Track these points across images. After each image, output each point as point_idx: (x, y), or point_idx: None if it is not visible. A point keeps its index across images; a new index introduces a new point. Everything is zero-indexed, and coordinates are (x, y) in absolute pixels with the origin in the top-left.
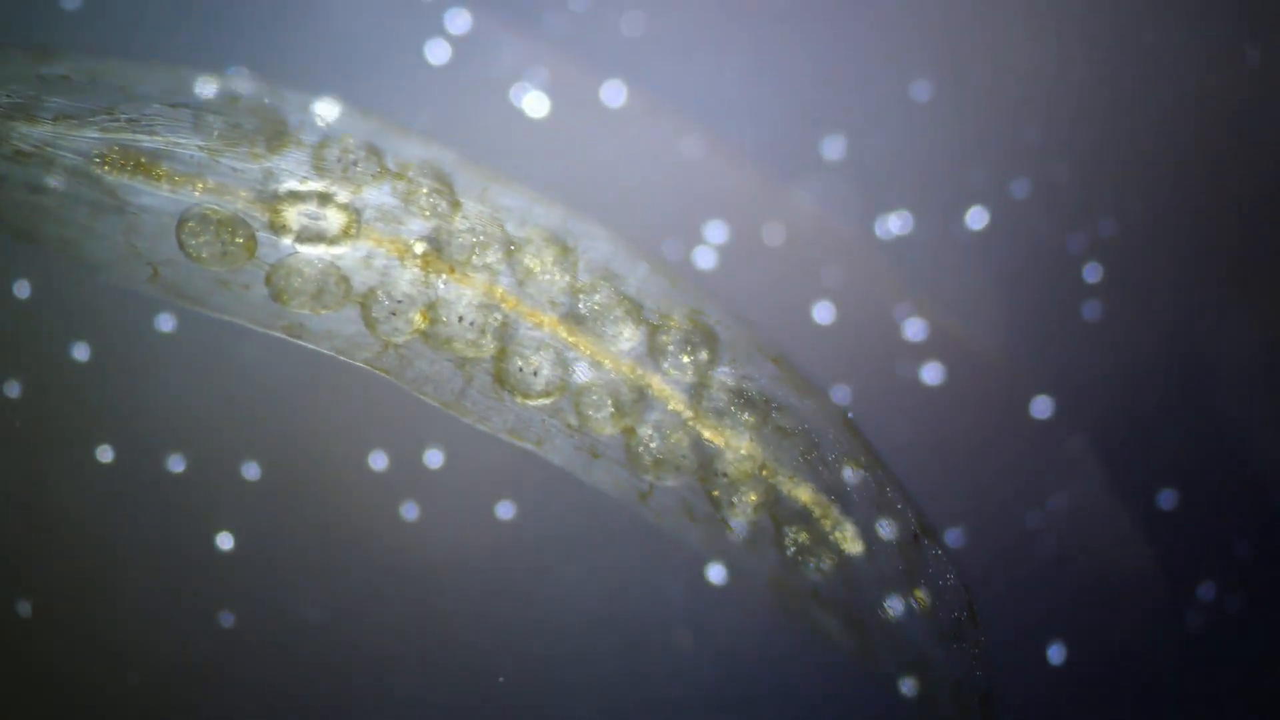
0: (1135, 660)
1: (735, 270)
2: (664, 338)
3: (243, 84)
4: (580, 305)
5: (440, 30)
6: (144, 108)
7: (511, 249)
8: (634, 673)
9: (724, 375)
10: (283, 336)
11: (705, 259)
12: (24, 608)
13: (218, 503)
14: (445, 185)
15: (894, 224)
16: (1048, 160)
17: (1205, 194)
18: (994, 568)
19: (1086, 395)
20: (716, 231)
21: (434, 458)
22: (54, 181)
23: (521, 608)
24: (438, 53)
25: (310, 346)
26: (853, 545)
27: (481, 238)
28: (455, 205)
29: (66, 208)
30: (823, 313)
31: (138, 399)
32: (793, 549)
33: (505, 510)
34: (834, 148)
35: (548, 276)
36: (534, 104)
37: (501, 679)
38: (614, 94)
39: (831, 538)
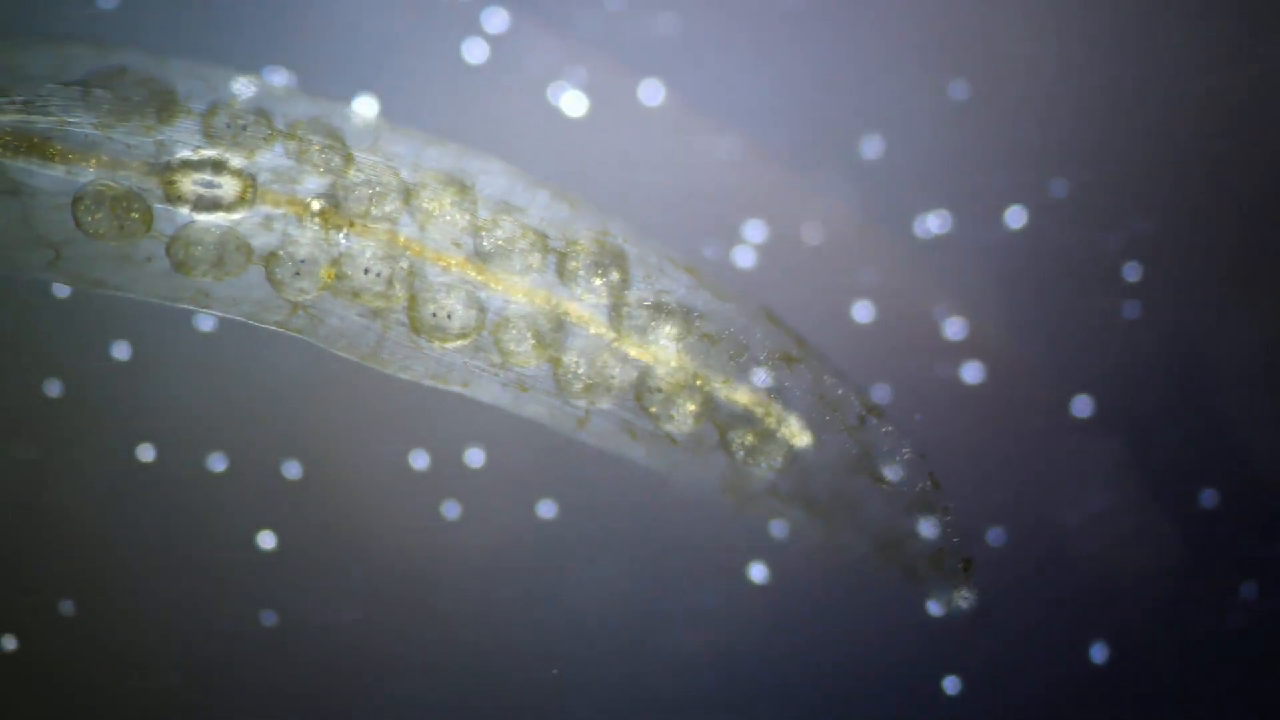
0: (1173, 661)
1: (772, 270)
2: (573, 263)
3: (132, 57)
4: (485, 242)
5: (477, 29)
6: (38, 87)
7: (409, 195)
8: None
9: (639, 292)
10: (190, 308)
11: (744, 259)
12: (66, 607)
13: (256, 502)
14: (336, 140)
15: (932, 224)
16: (1086, 160)
17: (1247, 190)
18: (1033, 570)
19: (1125, 395)
20: (754, 232)
21: (474, 456)
22: None
23: (556, 605)
24: (475, 52)
25: (219, 314)
26: (800, 438)
27: (377, 188)
28: (348, 159)
29: None
30: (861, 312)
31: (174, 398)
32: (741, 452)
33: (546, 509)
34: (872, 147)
35: (448, 218)
36: (571, 103)
37: (555, 671)
38: (650, 93)
39: (778, 434)
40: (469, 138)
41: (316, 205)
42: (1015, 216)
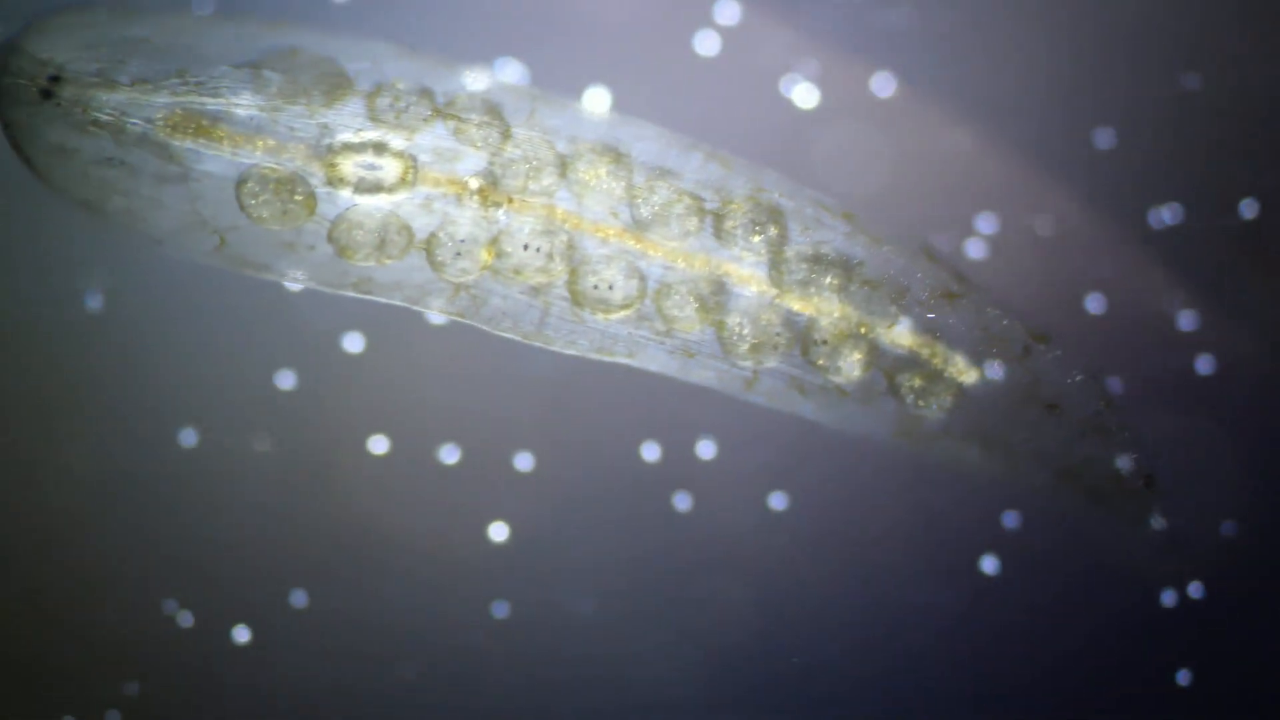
0: None
1: (1006, 263)
2: (730, 223)
3: (303, 37)
4: (642, 209)
5: (709, 21)
6: (211, 69)
7: (565, 167)
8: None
9: (798, 245)
10: (353, 294)
11: (976, 251)
12: (299, 598)
13: (491, 494)
14: (495, 115)
15: (1166, 216)
16: None
17: None
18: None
19: None
20: (987, 224)
21: (706, 449)
22: (123, 152)
23: (790, 595)
24: (707, 44)
25: (382, 300)
26: (968, 374)
27: (534, 162)
28: (506, 134)
29: (133, 178)
30: (1095, 304)
31: (411, 390)
32: (910, 395)
33: (778, 501)
34: (1104, 139)
35: (605, 187)
36: (803, 96)
37: (795, 659)
38: (883, 86)
39: (946, 374)
40: (700, 130)
41: (475, 183)
42: (1248, 208)
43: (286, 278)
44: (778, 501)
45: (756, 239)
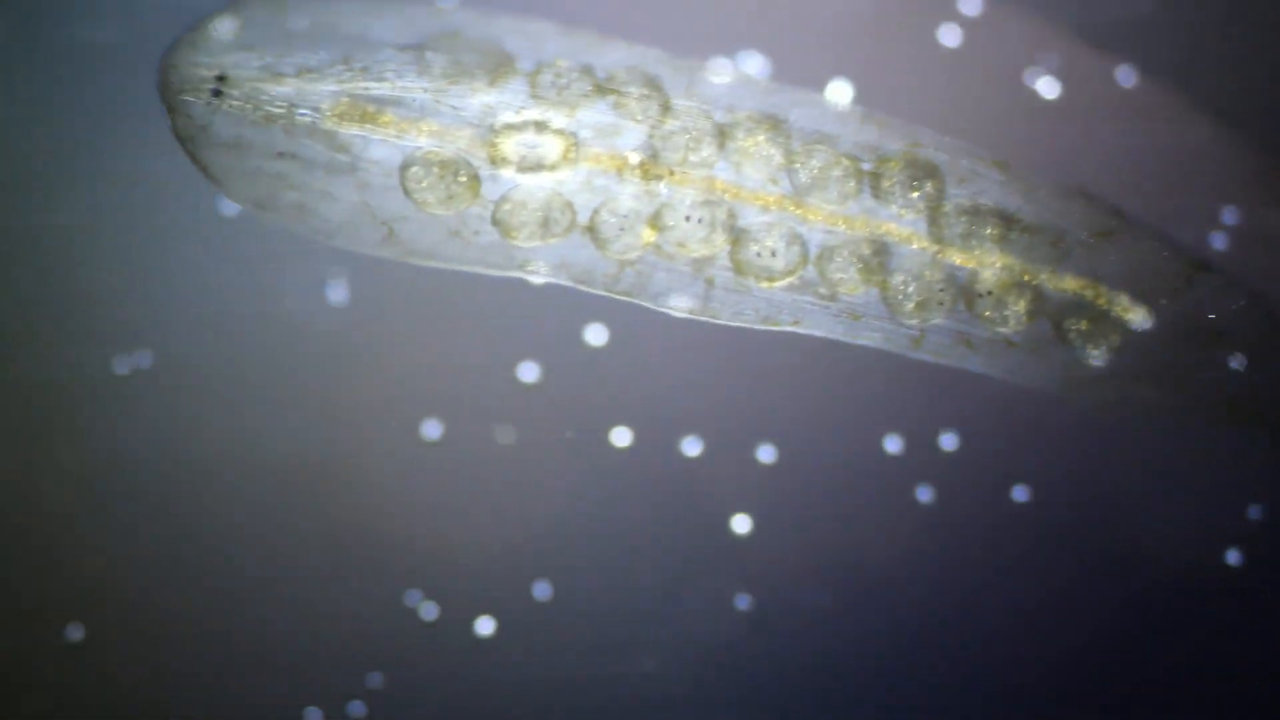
0: None
1: (1249, 258)
2: (887, 182)
3: (463, 18)
4: (801, 175)
5: (953, 14)
6: (376, 53)
7: (723, 137)
8: None
9: (955, 199)
10: (520, 276)
11: (1217, 243)
12: (543, 590)
13: (733, 487)
14: (654, 88)
15: None
16: None
17: None
18: None
19: None
20: (1229, 216)
21: (948, 440)
22: (294, 144)
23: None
24: (950, 37)
25: (549, 280)
26: (1134, 313)
27: (693, 133)
28: (665, 106)
29: (304, 171)
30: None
31: (649, 383)
32: (1078, 339)
33: (1020, 493)
34: None
35: (763, 154)
36: (1046, 87)
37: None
38: (1125, 77)
39: (1111, 314)
40: (942, 122)
41: (636, 158)
42: None
43: (455, 264)
44: (1020, 494)
45: (914, 195)
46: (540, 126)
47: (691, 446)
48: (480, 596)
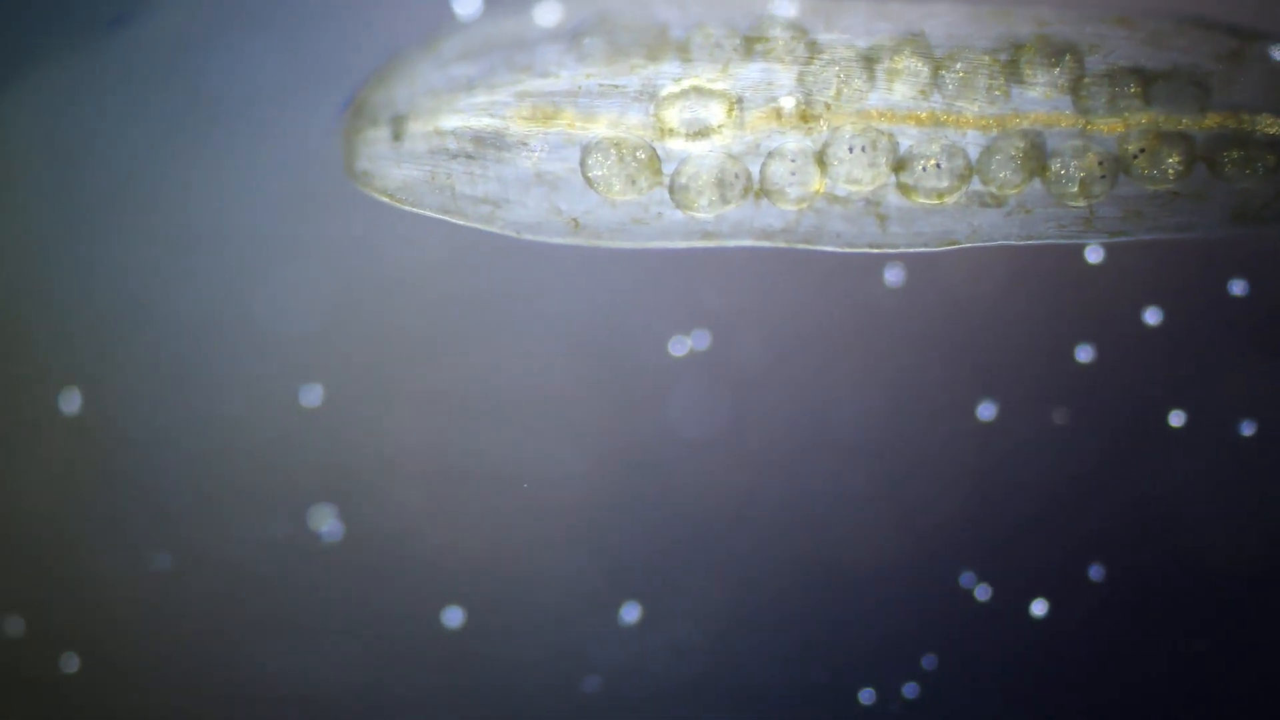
0: None
1: None
2: (1026, 70)
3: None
4: (947, 84)
5: None
6: (535, 51)
7: (870, 63)
8: None
9: (1091, 69)
10: (705, 244)
11: None
12: (1096, 572)
13: None
14: (799, 30)
15: None
16: None
17: None
18: None
19: None
20: None
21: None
22: (482, 156)
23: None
24: None
25: (734, 243)
26: (1276, 125)
27: (841, 65)
28: (811, 47)
29: (497, 181)
30: None
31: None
32: (1234, 171)
33: None
34: None
35: (911, 70)
36: None
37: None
38: None
39: (1256, 136)
40: None
41: (790, 103)
42: None
43: (641, 246)
44: None
45: (1055, 72)
46: (701, 91)
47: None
48: (1036, 579)
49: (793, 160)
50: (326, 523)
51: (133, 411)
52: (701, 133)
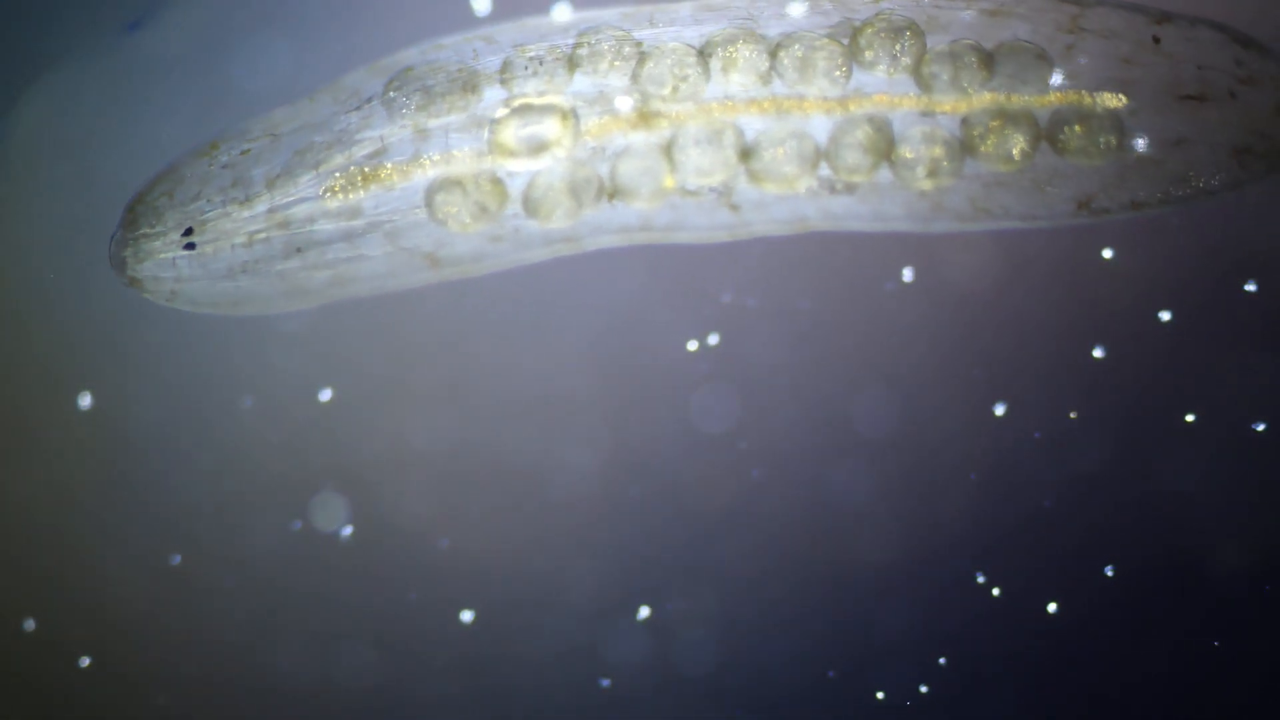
0: None
1: None
2: (868, 52)
3: (399, 57)
4: (788, 70)
5: None
6: (334, 125)
7: (704, 58)
8: None
9: (933, 47)
10: (568, 251)
11: None
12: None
13: None
14: (621, 36)
15: None
16: None
17: None
18: None
19: None
20: None
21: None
22: (300, 237)
23: None
24: None
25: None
26: (1116, 100)
27: (673, 63)
28: (638, 49)
29: (325, 252)
30: None
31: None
32: (1078, 147)
33: None
34: None
35: (746, 61)
36: None
37: None
38: None
39: (1098, 111)
40: None
41: (626, 106)
42: None
43: (505, 265)
44: None
45: (897, 53)
46: (529, 110)
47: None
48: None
49: (641, 159)
50: (337, 521)
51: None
52: (541, 147)
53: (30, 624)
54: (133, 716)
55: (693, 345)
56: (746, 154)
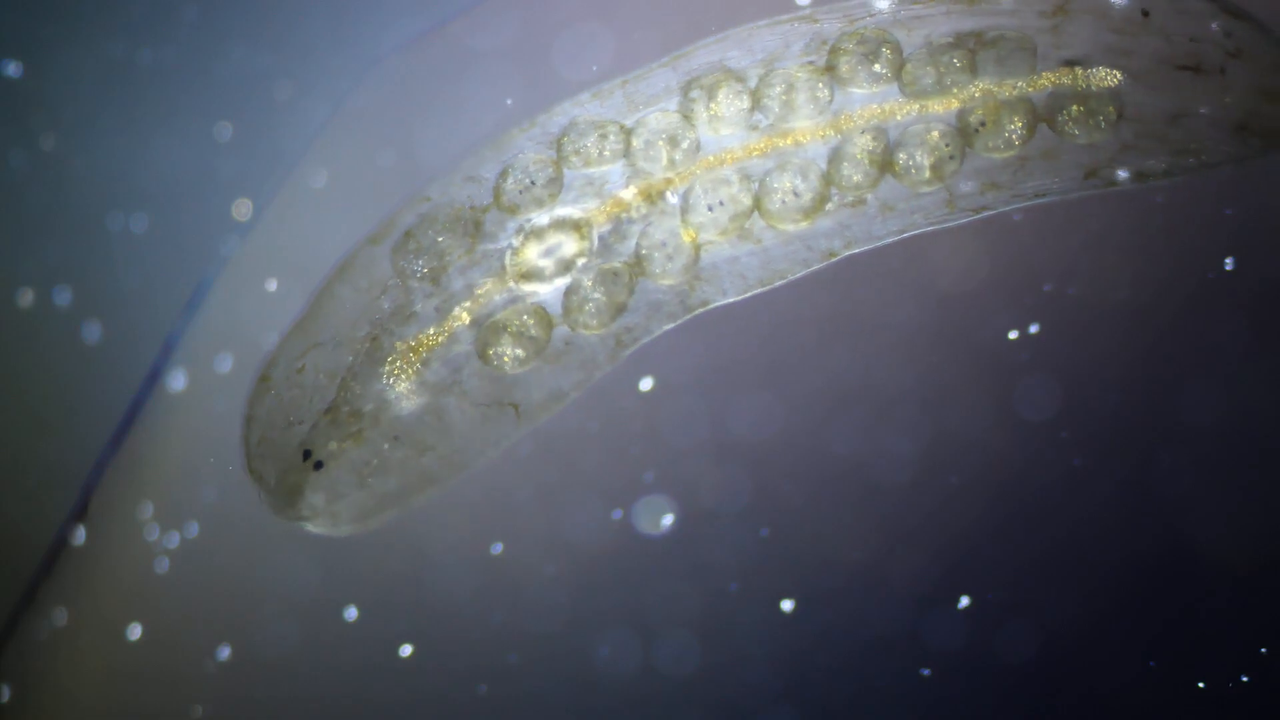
0: None
1: None
2: (845, 68)
3: (398, 220)
4: (773, 107)
5: None
6: (370, 316)
7: (688, 117)
8: None
9: (913, 53)
10: (622, 350)
11: None
12: None
13: None
14: (601, 126)
15: None
16: None
17: None
18: None
19: None
20: None
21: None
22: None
23: None
24: None
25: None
26: (1112, 78)
27: (660, 134)
28: (623, 131)
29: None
30: None
31: None
32: (1076, 127)
33: None
34: None
35: (731, 108)
36: None
37: None
38: None
39: (1094, 89)
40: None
41: (628, 193)
42: None
43: (593, 380)
44: None
45: (876, 68)
46: (538, 234)
47: None
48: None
49: (663, 244)
50: (659, 511)
51: None
52: (568, 265)
53: (352, 613)
54: (454, 704)
55: (1013, 334)
56: (758, 201)
